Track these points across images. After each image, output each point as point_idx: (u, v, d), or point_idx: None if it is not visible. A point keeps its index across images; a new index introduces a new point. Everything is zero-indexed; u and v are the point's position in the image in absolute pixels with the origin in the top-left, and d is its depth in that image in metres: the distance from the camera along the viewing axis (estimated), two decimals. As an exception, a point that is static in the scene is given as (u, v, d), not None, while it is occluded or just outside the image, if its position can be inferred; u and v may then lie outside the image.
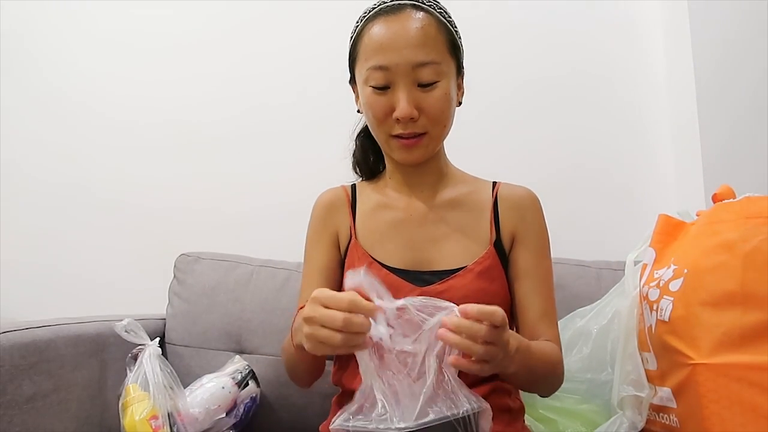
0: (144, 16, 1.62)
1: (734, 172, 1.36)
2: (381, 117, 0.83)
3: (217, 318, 1.25)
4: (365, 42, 0.83)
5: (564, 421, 0.99)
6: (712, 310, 0.77)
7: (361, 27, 0.85)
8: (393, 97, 0.81)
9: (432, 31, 0.81)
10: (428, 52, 0.80)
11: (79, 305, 1.38)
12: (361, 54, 0.84)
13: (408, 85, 0.80)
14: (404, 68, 0.79)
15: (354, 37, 0.87)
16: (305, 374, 0.88)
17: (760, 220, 0.79)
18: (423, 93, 0.81)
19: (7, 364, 0.87)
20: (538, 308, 0.86)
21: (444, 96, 0.82)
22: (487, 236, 0.89)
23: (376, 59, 0.81)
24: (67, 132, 1.60)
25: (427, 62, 0.80)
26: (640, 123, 1.57)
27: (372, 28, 0.82)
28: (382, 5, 0.84)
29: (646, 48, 1.58)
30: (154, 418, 0.95)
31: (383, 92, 0.82)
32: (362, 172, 1.01)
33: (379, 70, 0.80)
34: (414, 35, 0.80)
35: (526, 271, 0.88)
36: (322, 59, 1.58)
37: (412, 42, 0.79)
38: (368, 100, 0.83)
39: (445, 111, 0.84)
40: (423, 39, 0.80)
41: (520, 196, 0.93)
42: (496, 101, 1.52)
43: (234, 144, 1.58)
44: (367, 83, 0.82)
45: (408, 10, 0.82)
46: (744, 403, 0.73)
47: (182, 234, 1.53)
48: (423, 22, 0.81)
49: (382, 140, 0.87)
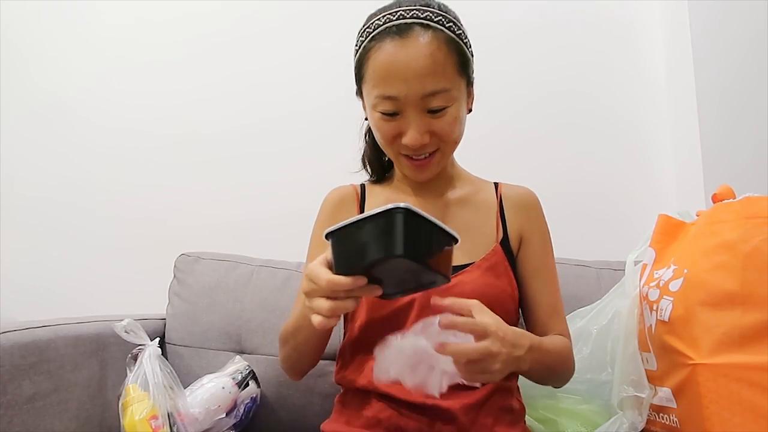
0: (144, 18, 1.62)
1: (734, 172, 1.36)
2: (390, 140, 0.83)
3: (217, 318, 1.25)
4: (372, 65, 0.80)
5: (564, 421, 0.99)
6: (712, 310, 0.78)
7: (366, 44, 0.81)
8: (402, 124, 0.80)
9: (441, 56, 0.78)
10: (438, 80, 0.78)
11: (79, 305, 1.39)
12: (368, 77, 0.81)
13: (418, 113, 0.79)
14: (413, 99, 0.78)
15: (360, 53, 0.83)
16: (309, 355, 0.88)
17: (760, 220, 0.79)
18: (433, 119, 0.80)
19: (7, 364, 0.87)
20: (548, 305, 0.90)
21: (455, 118, 0.82)
22: (494, 234, 0.91)
23: (384, 89, 0.79)
24: (67, 132, 1.60)
25: (438, 91, 0.78)
26: (640, 123, 1.57)
27: (378, 50, 0.79)
28: (388, 23, 0.79)
29: (646, 48, 1.59)
30: (154, 418, 0.95)
31: (392, 119, 0.81)
32: (373, 170, 1.00)
33: (387, 100, 0.79)
34: (422, 64, 0.77)
35: (535, 269, 0.91)
36: (323, 60, 1.58)
37: (420, 72, 0.77)
38: (377, 124, 0.83)
39: (456, 131, 0.84)
40: (432, 67, 0.77)
41: (524, 197, 0.95)
42: (495, 102, 1.52)
43: (234, 144, 1.58)
44: (376, 109, 0.81)
45: (416, 30, 0.78)
46: (744, 403, 0.73)
47: (182, 234, 1.53)
48: (432, 47, 0.77)
49: (392, 157, 0.88)
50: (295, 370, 0.92)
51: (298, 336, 0.84)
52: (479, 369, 0.66)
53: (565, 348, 0.87)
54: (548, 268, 0.93)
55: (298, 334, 0.84)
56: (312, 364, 0.91)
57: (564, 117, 1.57)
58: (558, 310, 0.91)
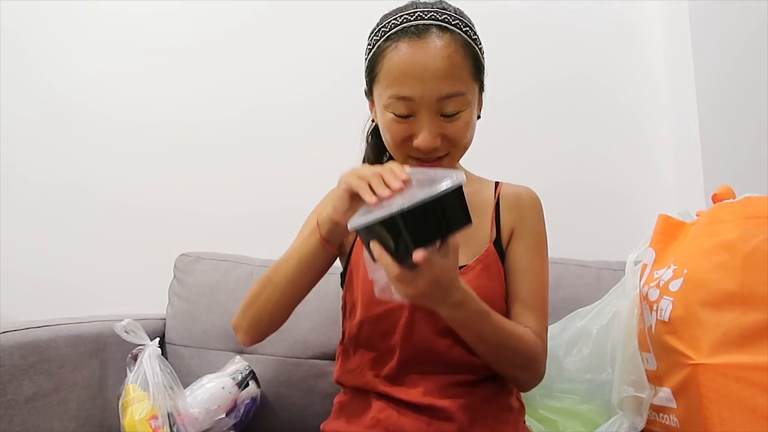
0: (143, 15, 1.62)
1: (734, 172, 1.36)
2: (400, 142, 0.82)
3: (217, 318, 1.25)
4: (387, 65, 0.79)
5: (564, 421, 0.99)
6: (711, 310, 0.77)
7: (381, 44, 0.80)
8: (414, 126, 0.79)
9: (458, 59, 0.78)
10: (454, 83, 0.77)
11: (79, 305, 1.39)
12: (382, 76, 0.80)
13: (431, 116, 0.78)
14: (428, 101, 0.77)
15: (374, 52, 0.82)
16: (283, 301, 0.84)
17: (760, 220, 0.79)
18: (446, 122, 0.79)
19: (7, 364, 0.87)
20: (524, 299, 0.86)
21: (466, 124, 0.81)
22: (488, 235, 0.89)
23: (399, 89, 0.78)
24: (67, 132, 1.59)
25: (453, 94, 0.77)
26: (640, 123, 1.57)
27: (394, 50, 0.78)
28: (405, 24, 0.79)
29: (646, 48, 1.59)
30: (154, 418, 0.95)
31: (404, 120, 0.80)
32: None
33: (401, 100, 0.78)
34: (440, 66, 0.76)
35: (519, 265, 0.88)
36: (323, 59, 1.58)
37: (437, 74, 0.76)
38: (388, 125, 0.81)
39: (468, 136, 0.83)
40: (449, 70, 0.77)
41: (520, 195, 0.93)
42: (496, 102, 1.52)
43: (234, 144, 1.58)
44: (388, 109, 0.80)
45: (434, 32, 0.77)
46: (744, 403, 0.73)
47: (182, 234, 1.53)
48: (449, 50, 0.77)
49: (400, 160, 0.85)
50: (258, 318, 0.86)
51: (285, 268, 0.82)
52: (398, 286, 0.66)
53: (523, 336, 0.80)
54: (534, 268, 0.88)
55: (286, 265, 0.82)
56: (278, 320, 0.86)
57: (564, 117, 1.57)
58: (534, 309, 0.86)
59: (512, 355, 0.80)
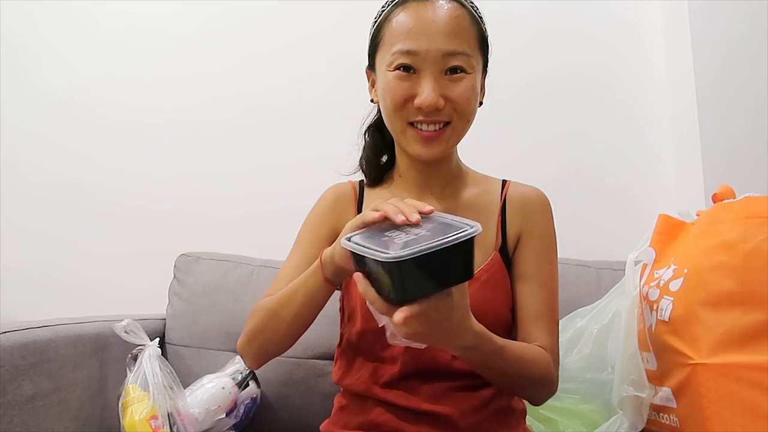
0: (144, 15, 1.62)
1: (734, 172, 1.36)
2: (401, 103, 0.79)
3: (217, 318, 1.25)
4: (393, 26, 0.79)
5: (564, 421, 0.99)
6: (712, 310, 0.77)
7: (388, 12, 0.82)
8: (417, 84, 0.78)
9: (465, 23, 0.79)
10: (460, 42, 0.78)
11: (79, 305, 1.38)
12: (387, 38, 0.80)
13: (435, 74, 0.77)
14: (434, 55, 0.77)
15: (379, 22, 0.83)
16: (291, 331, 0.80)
17: (760, 220, 0.79)
18: (450, 82, 0.78)
19: (7, 364, 0.87)
20: (534, 312, 0.83)
21: (471, 88, 0.79)
22: (493, 242, 0.86)
23: (405, 43, 0.77)
24: (67, 132, 1.59)
25: (459, 52, 0.77)
26: (640, 123, 1.57)
27: (401, 13, 0.79)
28: None
29: (646, 48, 1.59)
30: (154, 418, 0.95)
31: (408, 77, 0.78)
32: (370, 172, 0.95)
33: (406, 55, 0.77)
34: (447, 23, 0.77)
35: (526, 273, 0.85)
36: (323, 59, 1.58)
37: (444, 29, 0.77)
38: (390, 84, 0.79)
39: (471, 103, 0.81)
40: (456, 28, 0.78)
41: (529, 197, 0.90)
42: (496, 102, 1.51)
43: (234, 144, 1.58)
44: (391, 67, 0.79)
45: None
46: (744, 403, 0.73)
47: (182, 234, 1.53)
48: (456, 12, 0.79)
49: (398, 130, 0.82)
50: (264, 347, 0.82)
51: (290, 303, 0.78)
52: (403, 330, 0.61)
53: (536, 359, 0.77)
54: (542, 275, 0.85)
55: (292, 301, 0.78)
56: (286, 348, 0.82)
57: (564, 116, 1.57)
58: (545, 319, 0.83)
59: (527, 381, 0.78)
